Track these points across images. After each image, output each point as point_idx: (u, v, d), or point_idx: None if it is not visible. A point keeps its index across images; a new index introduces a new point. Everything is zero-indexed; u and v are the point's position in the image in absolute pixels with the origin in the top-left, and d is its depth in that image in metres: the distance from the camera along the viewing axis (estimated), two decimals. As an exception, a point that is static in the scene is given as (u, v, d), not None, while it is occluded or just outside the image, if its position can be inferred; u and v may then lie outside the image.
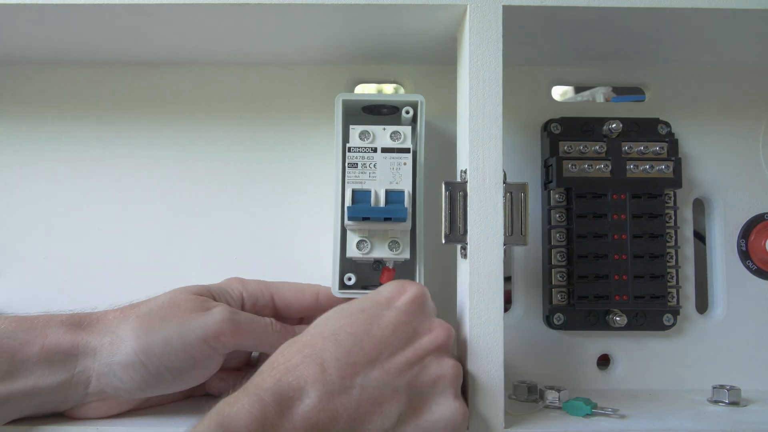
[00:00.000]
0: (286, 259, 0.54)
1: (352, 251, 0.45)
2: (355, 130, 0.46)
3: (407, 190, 0.45)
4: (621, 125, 0.51)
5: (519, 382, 0.47)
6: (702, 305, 0.54)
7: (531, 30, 0.47)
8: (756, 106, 0.55)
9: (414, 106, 0.48)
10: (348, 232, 0.46)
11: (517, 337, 0.52)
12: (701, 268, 0.54)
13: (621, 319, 0.50)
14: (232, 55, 0.53)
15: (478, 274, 0.40)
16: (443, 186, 0.42)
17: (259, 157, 0.55)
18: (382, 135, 0.46)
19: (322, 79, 0.55)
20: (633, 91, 0.59)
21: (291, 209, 0.54)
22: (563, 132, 0.52)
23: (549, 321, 0.52)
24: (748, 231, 0.54)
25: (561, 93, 0.84)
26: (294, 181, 0.54)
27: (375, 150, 0.45)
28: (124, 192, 0.54)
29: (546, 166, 0.53)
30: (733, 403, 0.46)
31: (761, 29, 0.47)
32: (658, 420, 0.42)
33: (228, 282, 0.46)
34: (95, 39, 0.49)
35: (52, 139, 0.55)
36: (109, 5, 0.43)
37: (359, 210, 0.44)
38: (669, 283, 0.51)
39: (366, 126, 0.46)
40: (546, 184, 0.53)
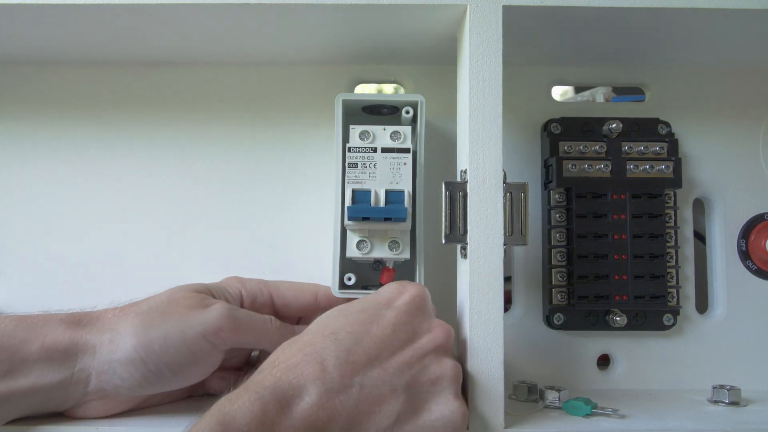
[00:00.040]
0: (286, 259, 0.54)
1: (352, 251, 0.45)
2: (355, 130, 0.46)
3: (407, 190, 0.45)
4: (621, 125, 0.51)
5: (519, 382, 0.47)
6: (702, 305, 0.54)
7: (531, 30, 0.47)
8: (756, 106, 0.55)
9: (414, 106, 0.48)
10: (348, 232, 0.46)
11: (517, 337, 0.52)
12: (701, 268, 0.54)
13: (621, 319, 0.50)
14: (232, 55, 0.53)
15: (478, 274, 0.40)
16: (443, 186, 0.42)
17: (259, 157, 0.55)
18: (382, 135, 0.46)
19: (322, 79, 0.55)
20: (633, 91, 0.59)
21: (291, 209, 0.54)
22: (563, 132, 0.52)
23: (549, 321, 0.52)
24: (748, 231, 0.54)
25: (561, 93, 0.84)
26: (294, 181, 0.54)
27: (375, 150, 0.45)
28: (124, 192, 0.54)
29: (546, 166, 0.53)
30: (733, 403, 0.46)
31: (761, 29, 0.47)
32: (658, 420, 0.42)
33: (227, 281, 0.46)
34: (95, 39, 0.49)
35: (52, 139, 0.55)
36: (109, 5, 0.43)
37: (359, 210, 0.44)
38: (669, 283, 0.51)
39: (366, 126, 0.46)
40: (546, 184, 0.53)
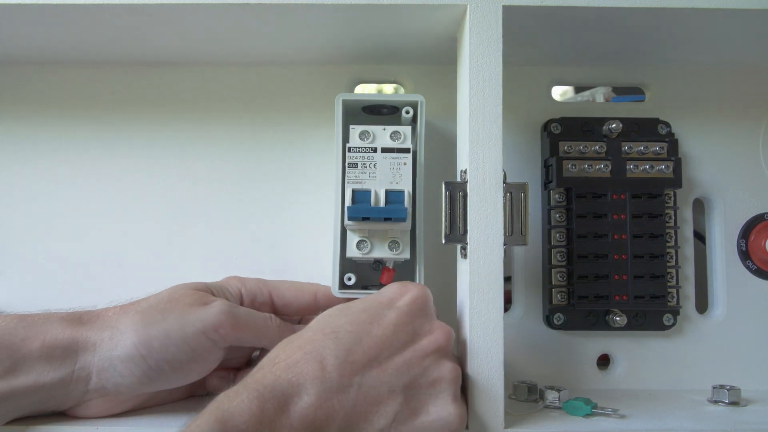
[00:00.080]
0: (286, 259, 0.54)
1: (352, 251, 0.45)
2: (355, 130, 0.46)
3: (407, 190, 0.45)
4: (621, 125, 0.51)
5: (519, 382, 0.47)
6: (702, 305, 0.54)
7: (531, 30, 0.47)
8: (756, 106, 0.55)
9: (414, 106, 0.48)
10: (348, 232, 0.46)
11: (517, 337, 0.52)
12: (701, 268, 0.54)
13: (621, 319, 0.50)
14: (232, 55, 0.53)
15: (478, 274, 0.40)
16: (443, 186, 0.42)
17: (259, 157, 0.55)
18: (382, 135, 0.46)
19: (322, 79, 0.55)
20: (633, 91, 0.59)
21: (291, 209, 0.54)
22: (563, 132, 0.52)
23: (549, 321, 0.52)
24: (748, 231, 0.54)
25: (561, 93, 0.84)
26: (294, 181, 0.54)
27: (375, 150, 0.45)
28: (124, 192, 0.54)
29: (546, 166, 0.53)
30: (733, 403, 0.46)
31: (761, 29, 0.46)
32: (658, 420, 0.42)
33: (227, 280, 0.47)
34: (95, 39, 0.49)
35: (52, 139, 0.55)
36: (109, 5, 0.43)
37: (359, 210, 0.44)
38: (669, 283, 0.51)
39: (366, 126, 0.46)
40: (546, 184, 0.53)
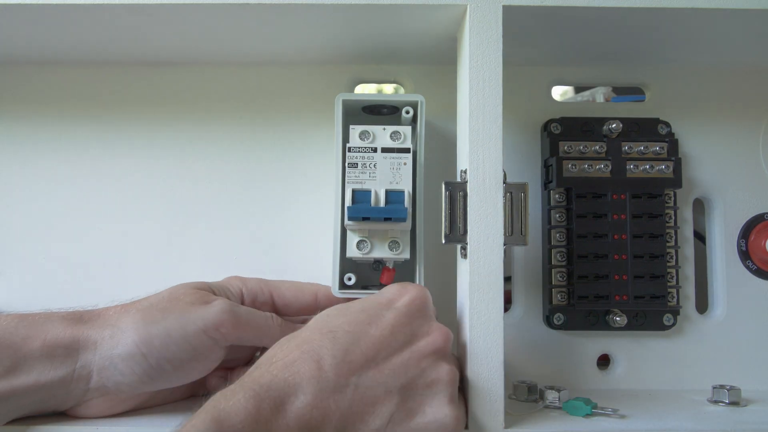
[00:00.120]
0: (286, 259, 0.54)
1: (352, 251, 0.45)
2: (355, 130, 0.46)
3: (407, 190, 0.45)
4: (621, 125, 0.51)
5: (519, 382, 0.47)
6: (702, 305, 0.54)
7: (531, 30, 0.47)
8: (756, 106, 0.55)
9: (414, 106, 0.48)
10: (348, 232, 0.46)
11: (517, 337, 0.52)
12: (701, 268, 0.54)
13: (621, 319, 0.50)
14: (232, 55, 0.53)
15: (478, 274, 0.40)
16: (443, 186, 0.42)
17: (259, 157, 0.55)
18: (382, 135, 0.46)
19: (322, 79, 0.55)
20: (633, 91, 0.59)
21: (291, 209, 0.54)
22: (563, 132, 0.52)
23: (549, 321, 0.52)
24: (748, 231, 0.54)
25: (561, 93, 0.84)
26: (294, 181, 0.54)
27: (375, 150, 0.45)
28: (124, 192, 0.54)
29: (546, 166, 0.53)
30: (733, 403, 0.46)
31: (761, 29, 0.46)
32: (658, 420, 0.42)
33: (228, 279, 0.47)
34: (95, 39, 0.49)
35: (52, 139, 0.55)
36: (109, 5, 0.43)
37: (359, 210, 0.44)
38: (669, 283, 0.51)
39: (366, 126, 0.46)
40: (546, 184, 0.53)
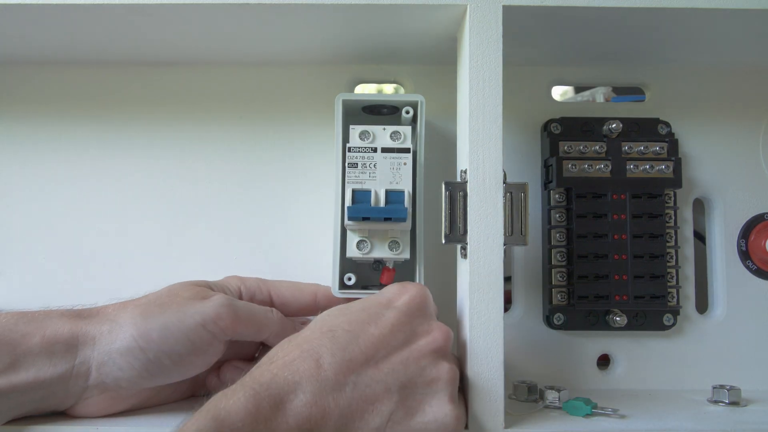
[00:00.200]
0: (286, 259, 0.54)
1: (352, 251, 0.45)
2: (355, 130, 0.46)
3: (407, 190, 0.45)
4: (621, 125, 0.51)
5: (519, 382, 0.47)
6: (702, 305, 0.54)
7: (531, 30, 0.47)
8: (756, 106, 0.55)
9: (414, 106, 0.48)
10: (348, 232, 0.46)
11: (517, 337, 0.52)
12: (701, 268, 0.54)
13: (621, 319, 0.50)
14: (232, 55, 0.53)
15: (478, 274, 0.40)
16: (443, 186, 0.42)
17: (259, 157, 0.55)
18: (382, 135, 0.46)
19: (322, 79, 0.55)
20: (633, 91, 0.59)
21: (291, 209, 0.54)
22: (563, 132, 0.52)
23: (549, 321, 0.52)
24: (748, 231, 0.54)
25: (561, 93, 0.84)
26: (294, 181, 0.54)
27: (375, 150, 0.45)
28: (124, 192, 0.54)
29: (546, 166, 0.53)
30: (733, 403, 0.46)
31: (761, 29, 0.46)
32: (658, 420, 0.42)
33: (226, 279, 0.47)
34: (95, 39, 0.49)
35: (52, 139, 0.55)
36: (109, 5, 0.43)
37: (359, 210, 0.44)
38: (669, 283, 0.51)
39: (366, 126, 0.46)
40: (546, 184, 0.53)
